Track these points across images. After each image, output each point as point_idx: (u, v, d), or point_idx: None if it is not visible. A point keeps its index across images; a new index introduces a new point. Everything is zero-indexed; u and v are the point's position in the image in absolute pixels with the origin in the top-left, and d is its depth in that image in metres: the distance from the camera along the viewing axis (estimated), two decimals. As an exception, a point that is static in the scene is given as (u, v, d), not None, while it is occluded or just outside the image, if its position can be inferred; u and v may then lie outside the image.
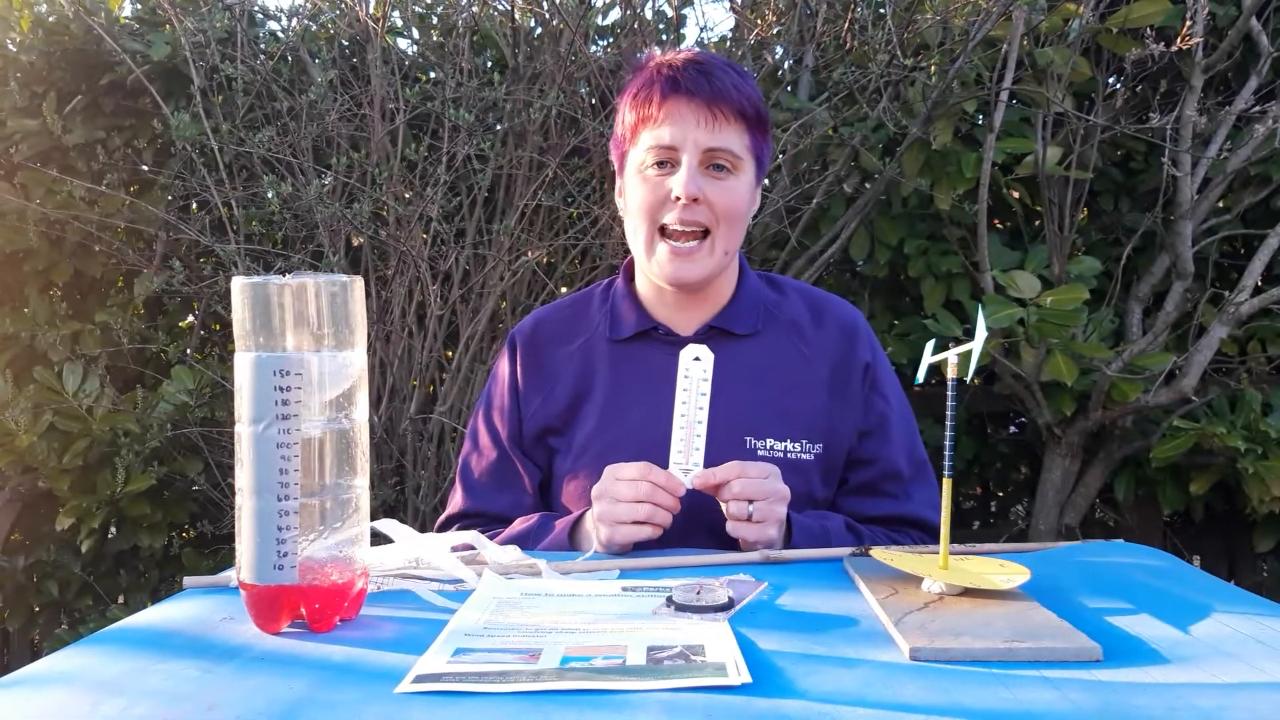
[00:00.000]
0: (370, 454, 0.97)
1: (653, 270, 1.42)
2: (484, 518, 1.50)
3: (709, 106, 1.34)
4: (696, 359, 1.29)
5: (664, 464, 1.31)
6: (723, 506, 1.26)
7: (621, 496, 1.23)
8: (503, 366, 1.54)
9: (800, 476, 1.39)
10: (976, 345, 0.94)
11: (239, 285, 0.89)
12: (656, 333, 1.47)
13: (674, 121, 1.35)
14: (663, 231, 1.39)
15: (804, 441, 1.41)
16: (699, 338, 1.45)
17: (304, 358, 0.88)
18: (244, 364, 0.89)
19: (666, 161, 1.37)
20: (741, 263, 1.51)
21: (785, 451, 1.40)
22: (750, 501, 1.23)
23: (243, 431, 0.89)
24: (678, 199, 1.35)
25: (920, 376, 1.07)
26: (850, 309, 1.53)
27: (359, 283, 0.93)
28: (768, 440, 1.40)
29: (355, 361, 0.93)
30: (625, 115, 1.42)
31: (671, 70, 1.36)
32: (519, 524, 1.42)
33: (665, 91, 1.35)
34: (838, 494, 1.46)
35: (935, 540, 1.43)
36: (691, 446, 1.27)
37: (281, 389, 0.87)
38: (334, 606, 0.91)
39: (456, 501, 1.54)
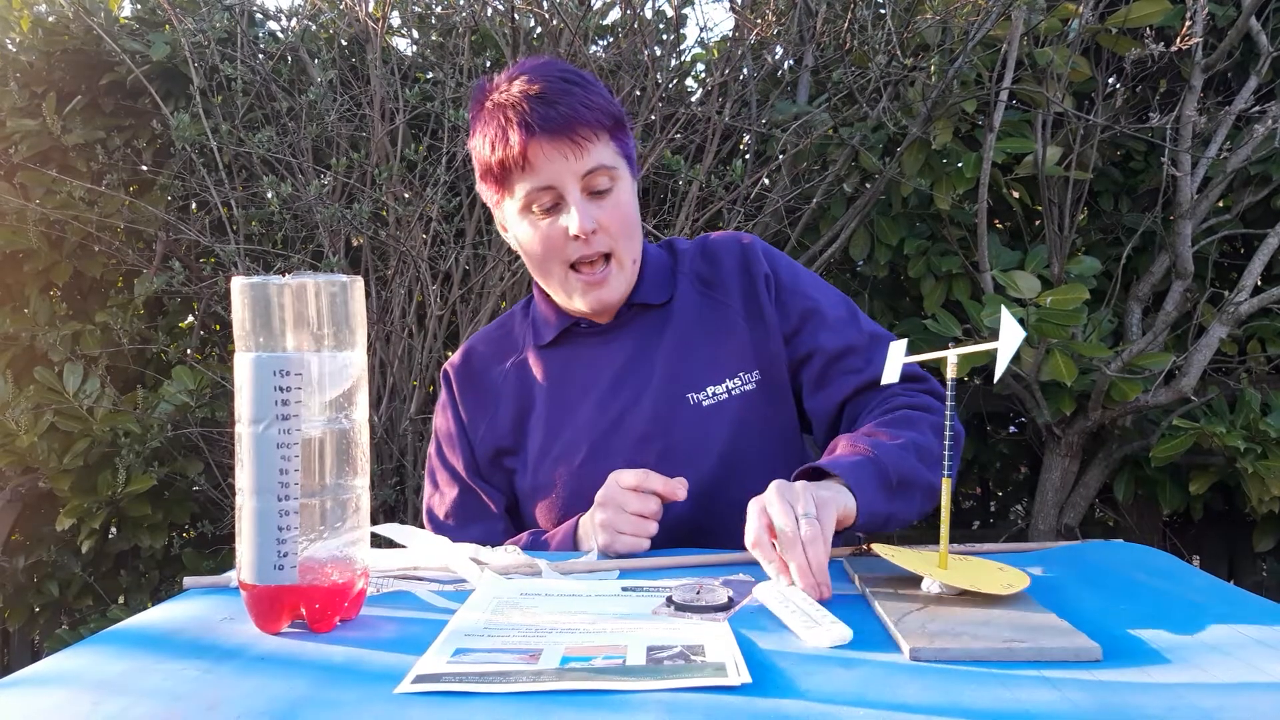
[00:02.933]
0: (370, 454, 0.97)
1: (573, 303, 1.43)
2: None
3: (569, 138, 1.32)
4: None
5: (617, 452, 1.33)
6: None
7: (628, 507, 1.22)
8: (443, 402, 1.55)
9: (749, 408, 1.41)
10: (1011, 345, 0.93)
11: (239, 285, 0.89)
12: (579, 328, 1.48)
13: (544, 163, 1.33)
14: (572, 267, 1.39)
15: (741, 375, 1.42)
16: (622, 320, 1.47)
17: (304, 358, 0.89)
18: (244, 364, 0.89)
19: (550, 203, 1.36)
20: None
21: (728, 392, 1.41)
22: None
23: (243, 432, 0.89)
24: (577, 237, 1.35)
25: (893, 376, 1.05)
26: (735, 236, 1.52)
27: (359, 283, 0.93)
28: (707, 389, 1.41)
29: (355, 362, 0.93)
30: (484, 161, 1.38)
31: (518, 113, 1.32)
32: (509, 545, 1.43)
33: (525, 136, 1.32)
34: (803, 398, 1.45)
35: (920, 387, 1.41)
36: None
37: (281, 389, 0.88)
38: (334, 606, 0.91)
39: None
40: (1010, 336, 0.92)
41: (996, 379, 0.93)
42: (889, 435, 1.27)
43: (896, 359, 1.05)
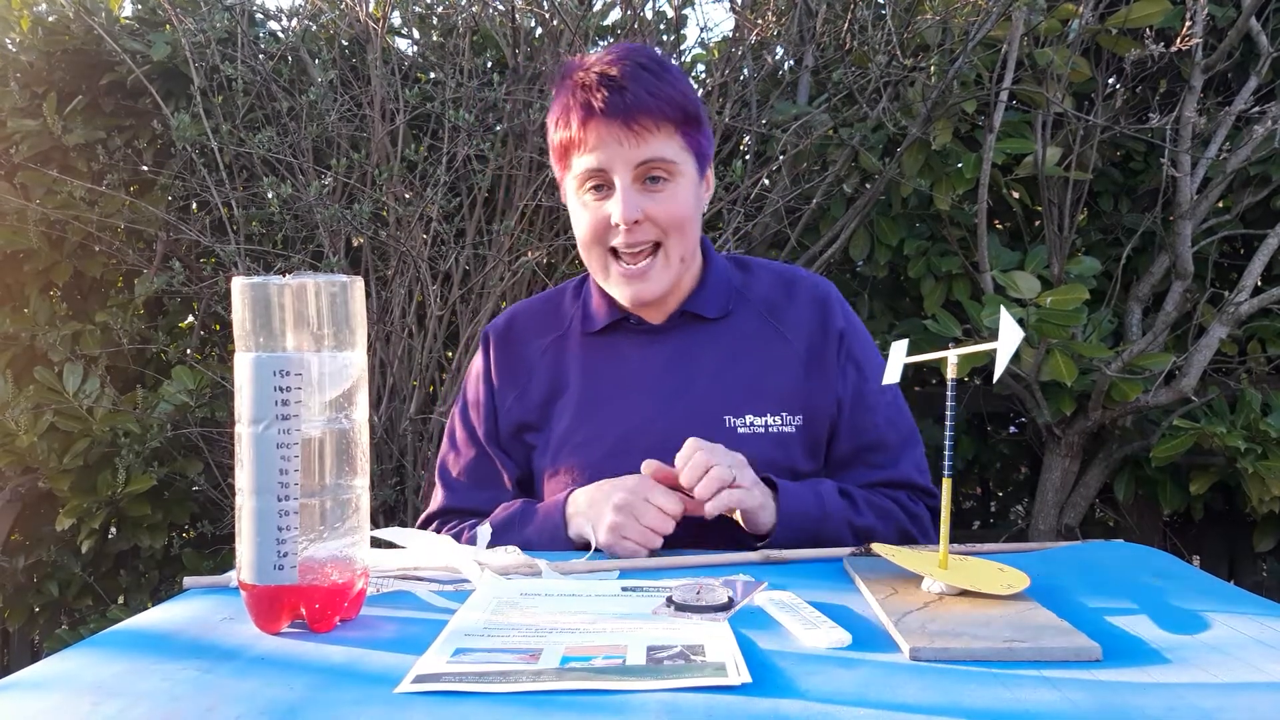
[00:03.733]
0: (370, 454, 0.97)
1: (613, 293, 1.43)
2: (463, 514, 1.50)
3: (627, 124, 1.32)
4: None
5: (640, 453, 1.33)
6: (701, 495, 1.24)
7: (643, 518, 1.21)
8: (477, 364, 1.54)
9: (782, 450, 1.40)
10: (1010, 345, 0.92)
11: (239, 285, 0.89)
12: (628, 323, 1.47)
13: (599, 145, 1.33)
14: (614, 253, 1.38)
15: (784, 414, 1.41)
16: (672, 324, 1.46)
17: (304, 358, 0.89)
18: (244, 364, 0.89)
19: (601, 185, 1.36)
20: (706, 247, 1.50)
21: (765, 426, 1.40)
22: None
23: (243, 432, 0.89)
24: (618, 224, 1.34)
25: (895, 376, 1.05)
26: (822, 282, 1.51)
27: (359, 283, 0.93)
28: (746, 416, 1.40)
29: (355, 362, 0.93)
30: (551, 136, 1.40)
31: (585, 92, 1.33)
32: (500, 511, 1.42)
33: (583, 116, 1.33)
34: (825, 467, 1.46)
35: (926, 501, 1.43)
36: None
37: (281, 389, 0.88)
38: (334, 606, 0.91)
39: (436, 499, 1.54)
40: (1009, 337, 0.92)
41: (995, 379, 0.93)
42: (856, 512, 1.34)
43: (898, 359, 1.05)
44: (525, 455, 1.49)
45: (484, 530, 1.22)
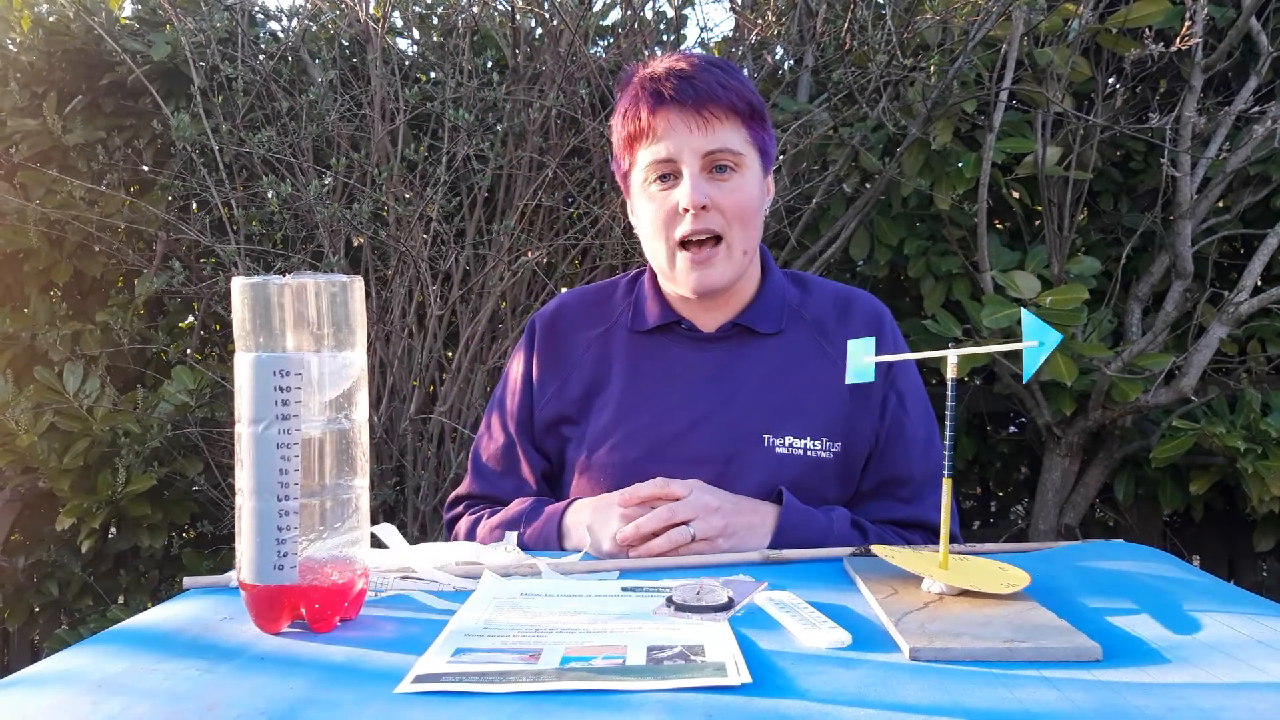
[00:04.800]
0: (370, 454, 0.97)
1: (677, 283, 1.42)
2: (488, 500, 1.51)
3: (698, 111, 1.33)
4: None
5: (675, 460, 1.34)
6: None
7: (644, 533, 1.22)
8: (521, 349, 1.55)
9: (818, 475, 1.39)
10: (1043, 348, 0.92)
11: (239, 285, 0.89)
12: (679, 327, 1.47)
13: (667, 134, 1.35)
14: (681, 244, 1.38)
15: (824, 439, 1.39)
16: (722, 335, 1.45)
17: (304, 358, 0.89)
18: (244, 364, 0.89)
19: (669, 175, 1.37)
20: (766, 260, 1.50)
21: (805, 450, 1.38)
22: (686, 524, 1.24)
23: (243, 432, 0.89)
24: (686, 210, 1.35)
25: (859, 377, 1.03)
26: (876, 304, 1.51)
27: (359, 283, 0.93)
28: (786, 438, 1.38)
29: (355, 362, 0.93)
30: (618, 134, 1.42)
31: (654, 83, 1.35)
32: (514, 506, 1.43)
33: (653, 106, 1.35)
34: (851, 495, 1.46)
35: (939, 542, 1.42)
36: None
37: (281, 389, 0.88)
38: (334, 606, 0.91)
39: (465, 483, 1.55)
40: (1039, 338, 0.91)
41: (1026, 380, 0.92)
42: (867, 539, 1.34)
43: (860, 358, 1.04)
44: (560, 448, 1.49)
45: (510, 536, 1.22)
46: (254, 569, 0.89)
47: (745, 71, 2.75)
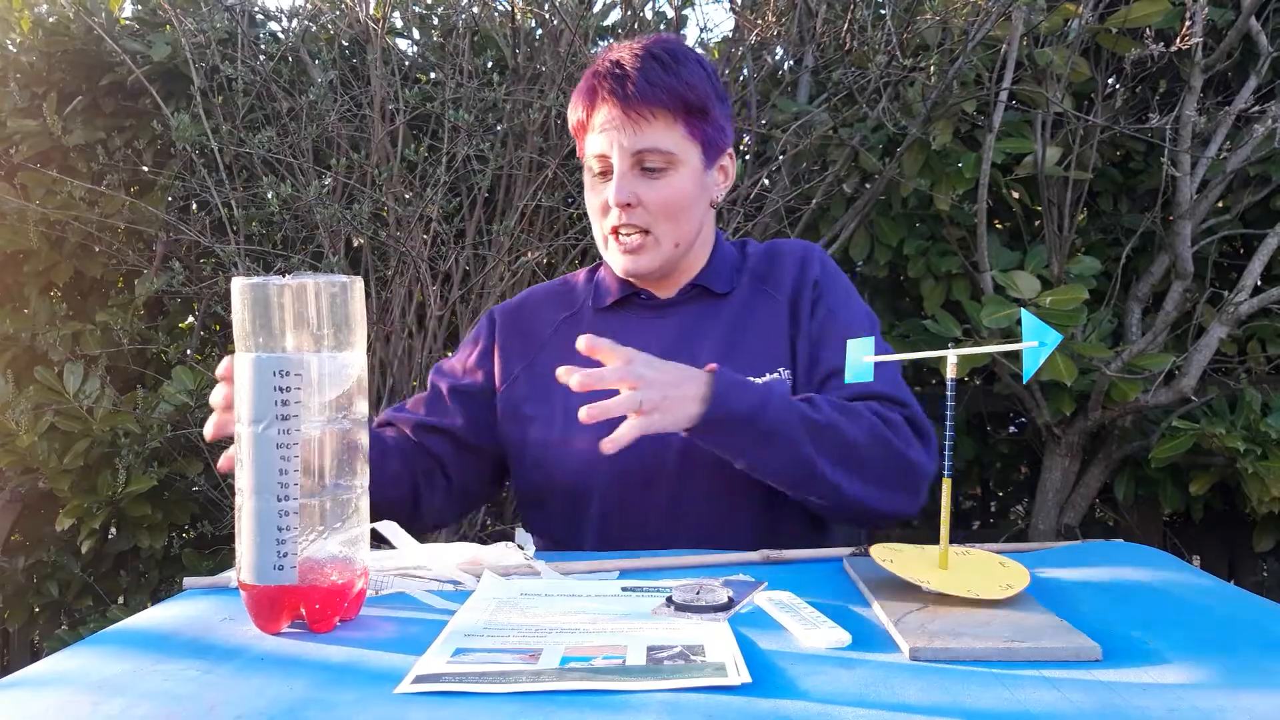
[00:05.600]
0: (369, 454, 0.98)
1: (612, 265, 1.47)
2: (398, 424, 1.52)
3: (626, 111, 1.36)
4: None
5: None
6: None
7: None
8: (475, 342, 1.57)
9: None
10: (1043, 348, 0.91)
11: (238, 286, 0.89)
12: (638, 298, 1.51)
13: (601, 129, 1.39)
14: (615, 231, 1.42)
15: (780, 370, 1.43)
16: (682, 299, 1.49)
17: (304, 358, 0.89)
18: (243, 364, 0.89)
19: (604, 169, 1.41)
20: (716, 234, 1.55)
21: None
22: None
23: (242, 432, 0.89)
24: (612, 206, 1.39)
25: (860, 376, 1.03)
26: (804, 243, 1.55)
27: (359, 283, 0.93)
28: (748, 379, 1.39)
29: (355, 362, 0.93)
30: (570, 117, 1.46)
31: (595, 78, 1.39)
32: None
33: (589, 101, 1.39)
34: None
35: (902, 410, 1.38)
36: None
37: (281, 389, 0.88)
38: (334, 607, 0.91)
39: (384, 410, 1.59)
40: (1038, 339, 0.91)
41: (1026, 380, 0.92)
42: (812, 408, 1.29)
43: (860, 357, 1.04)
44: (522, 431, 1.49)
45: (524, 536, 1.21)
46: (254, 569, 0.89)
47: (745, 72, 2.75)
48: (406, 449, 1.47)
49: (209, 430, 1.22)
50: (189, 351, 2.86)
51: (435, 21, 2.81)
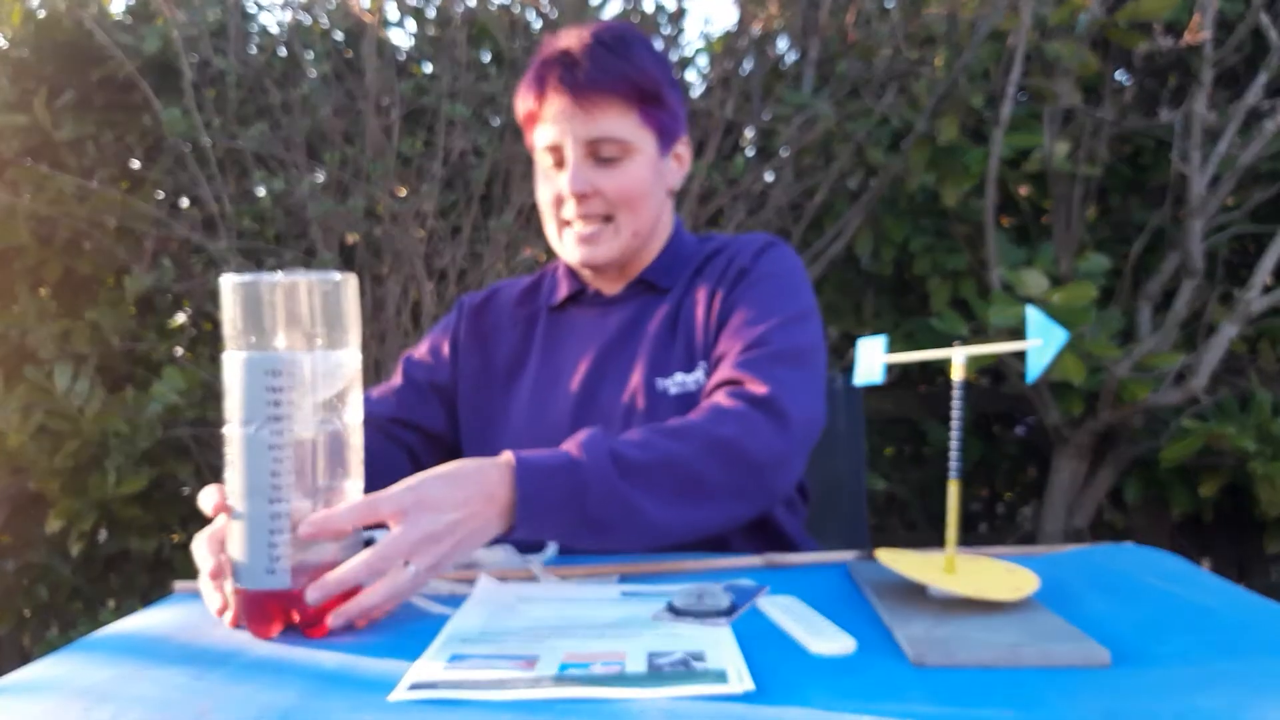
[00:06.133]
0: (363, 455, 0.97)
1: (566, 257, 1.44)
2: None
3: (576, 100, 1.33)
4: None
5: (588, 419, 1.34)
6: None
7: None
8: (444, 323, 1.56)
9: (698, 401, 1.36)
10: (1048, 347, 0.88)
11: (229, 283, 0.88)
12: (585, 295, 1.49)
13: (552, 119, 1.36)
14: (567, 223, 1.40)
15: (701, 365, 1.38)
16: (626, 295, 1.47)
17: (296, 358, 0.88)
18: (234, 364, 0.88)
19: (557, 160, 1.38)
20: (676, 226, 1.51)
21: (696, 382, 1.36)
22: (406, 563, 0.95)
23: (233, 433, 0.89)
24: (568, 196, 1.37)
25: (869, 377, 1.01)
26: (763, 235, 1.47)
27: (352, 280, 0.92)
28: (675, 375, 1.38)
29: (348, 361, 0.92)
30: (518, 107, 1.42)
31: (544, 66, 1.36)
32: None
33: (539, 91, 1.36)
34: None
35: (746, 390, 1.25)
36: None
37: (273, 389, 0.87)
38: (328, 611, 0.90)
39: None
40: (1042, 337, 0.88)
41: (1030, 380, 0.89)
42: (630, 476, 1.11)
43: (870, 357, 1.01)
44: (475, 426, 1.48)
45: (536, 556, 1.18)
46: (246, 573, 0.88)
47: (749, 65, 2.73)
48: (382, 446, 1.44)
49: (213, 604, 0.97)
50: (180, 350, 2.84)
51: (431, 13, 2.79)
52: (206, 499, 0.99)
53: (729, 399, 1.23)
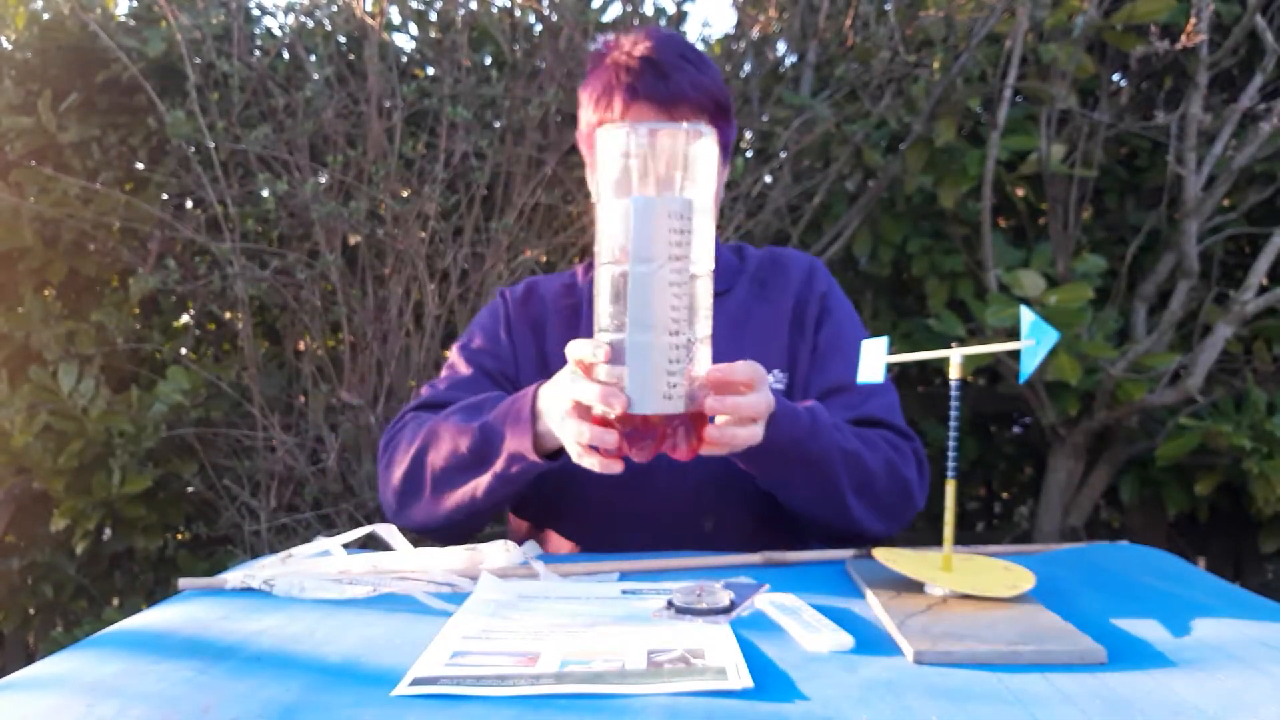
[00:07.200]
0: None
1: None
2: (435, 406, 1.44)
3: (668, 112, 1.35)
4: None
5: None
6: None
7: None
8: (493, 308, 1.55)
9: None
10: (1041, 346, 0.89)
11: (615, 131, 0.97)
12: None
13: None
14: None
15: (775, 373, 1.43)
16: None
17: (691, 202, 0.96)
18: (630, 208, 0.95)
19: None
20: None
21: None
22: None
23: (621, 271, 0.96)
24: None
25: (872, 375, 1.03)
26: (805, 254, 1.58)
27: (713, 134, 0.99)
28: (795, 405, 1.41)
29: (704, 210, 0.99)
30: (588, 116, 1.42)
31: (629, 75, 1.36)
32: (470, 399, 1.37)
33: (627, 100, 1.36)
34: None
35: (906, 440, 1.41)
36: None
37: (677, 231, 0.95)
38: (699, 433, 1.01)
39: (415, 399, 1.51)
40: (1035, 336, 0.89)
41: (1023, 379, 0.90)
42: (842, 435, 1.30)
43: (874, 356, 1.03)
44: None
45: (525, 548, 1.19)
46: (641, 399, 0.97)
47: (747, 68, 2.74)
48: None
49: (582, 434, 1.07)
50: (184, 351, 2.84)
51: (433, 17, 2.79)
52: (582, 347, 1.06)
53: (898, 440, 1.38)
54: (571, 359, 1.08)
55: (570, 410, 1.07)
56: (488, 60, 2.74)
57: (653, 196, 0.94)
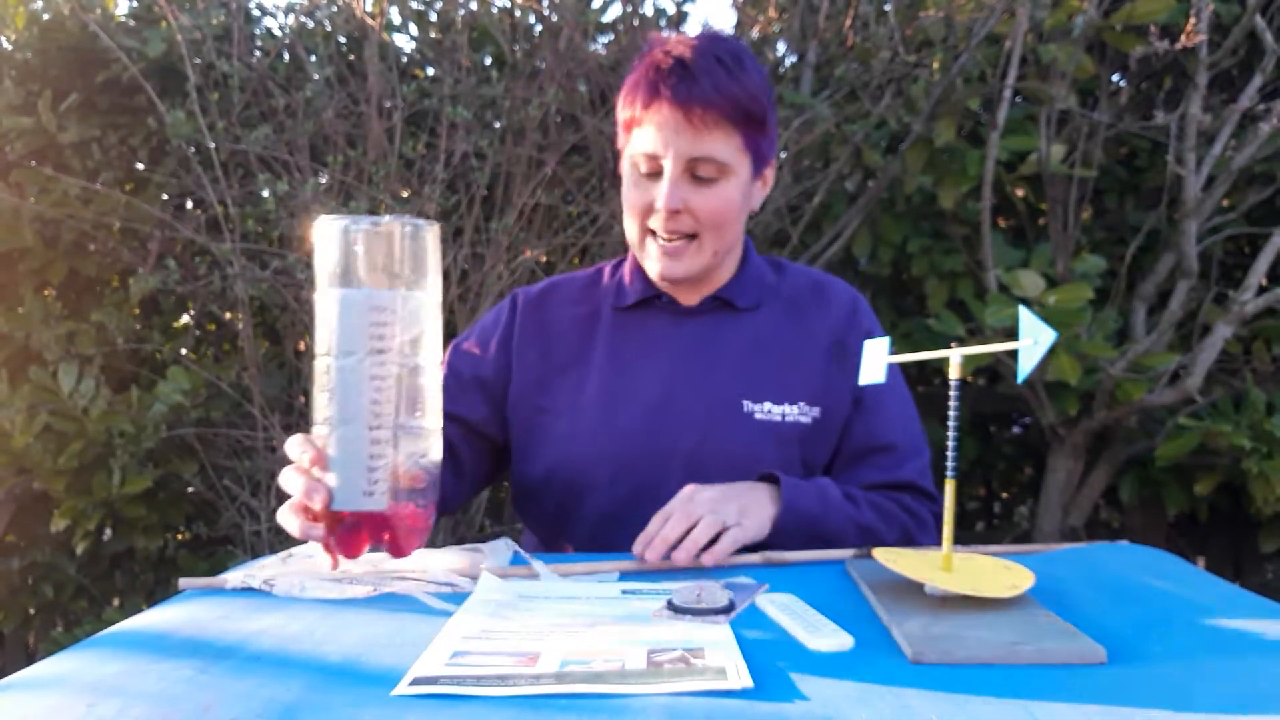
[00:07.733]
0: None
1: (645, 265, 1.44)
2: None
3: (688, 115, 1.32)
4: None
5: (658, 428, 1.37)
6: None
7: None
8: (497, 319, 1.54)
9: (797, 439, 1.40)
10: (1038, 346, 0.90)
11: (330, 225, 0.97)
12: (659, 302, 1.48)
13: (657, 127, 1.34)
14: (652, 233, 1.40)
15: (802, 404, 1.41)
16: (703, 308, 1.47)
17: (396, 295, 0.96)
18: (335, 300, 0.96)
19: (653, 169, 1.37)
20: (747, 245, 1.52)
21: (783, 415, 1.40)
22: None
23: (329, 365, 0.96)
24: (659, 210, 1.36)
25: (873, 376, 1.03)
26: (852, 289, 1.55)
27: (436, 227, 1.01)
28: (765, 404, 1.40)
29: (428, 303, 1.01)
30: (621, 109, 1.42)
31: (657, 74, 1.34)
32: None
33: (648, 98, 1.34)
34: (832, 462, 1.46)
35: (929, 505, 1.43)
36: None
37: (377, 324, 0.95)
38: (418, 533, 0.99)
39: None
40: (1033, 336, 0.89)
41: (1021, 379, 0.90)
42: (857, 510, 1.33)
43: (876, 357, 1.03)
44: (529, 420, 1.46)
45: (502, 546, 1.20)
46: (345, 496, 0.96)
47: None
48: None
49: (295, 528, 1.04)
50: (184, 351, 2.84)
51: (433, 17, 2.79)
52: (294, 445, 1.04)
53: (917, 504, 1.41)
54: (288, 451, 1.05)
55: (290, 502, 1.05)
56: (488, 60, 2.74)
57: (355, 290, 0.94)
